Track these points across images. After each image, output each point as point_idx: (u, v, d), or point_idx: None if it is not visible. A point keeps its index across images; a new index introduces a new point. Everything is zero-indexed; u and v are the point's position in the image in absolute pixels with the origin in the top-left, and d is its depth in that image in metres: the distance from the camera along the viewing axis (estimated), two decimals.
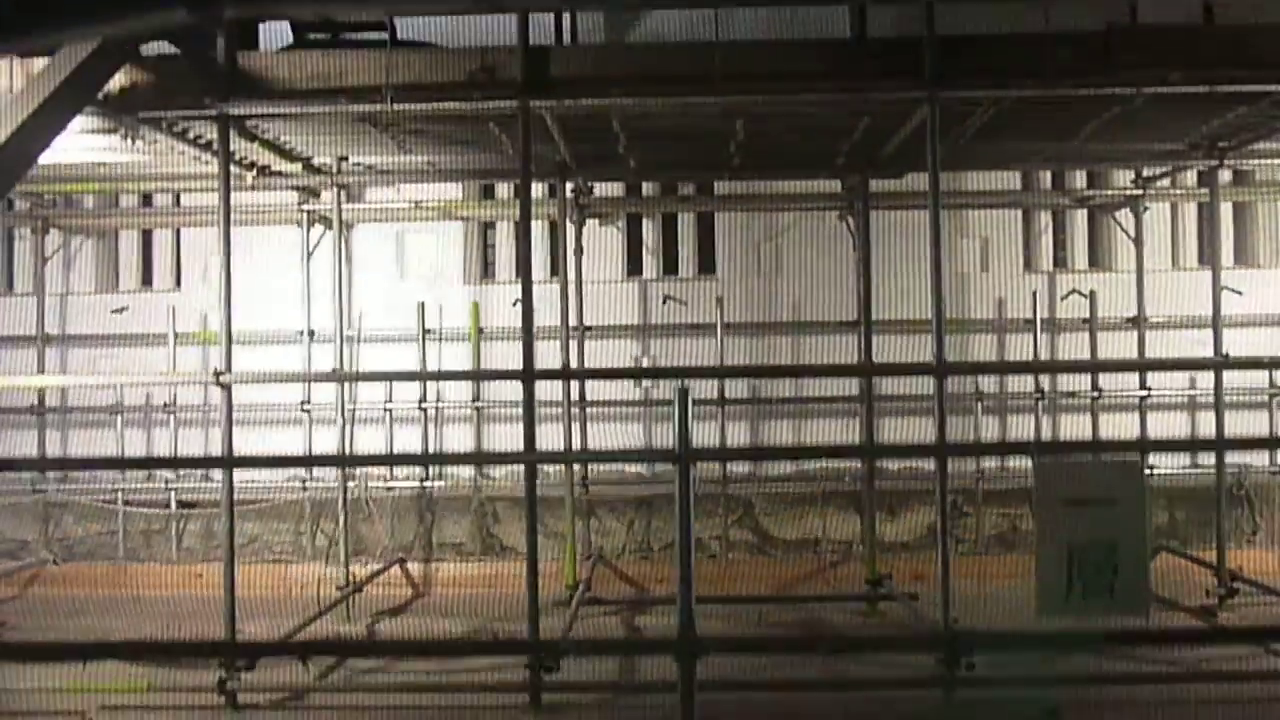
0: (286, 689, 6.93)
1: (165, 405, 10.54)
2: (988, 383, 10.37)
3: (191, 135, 7.75)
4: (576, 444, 10.21)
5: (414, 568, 10.26)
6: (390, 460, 7.84)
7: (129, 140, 7.01)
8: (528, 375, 6.78)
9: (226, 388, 6.80)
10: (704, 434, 10.43)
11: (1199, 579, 9.10)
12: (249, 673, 6.80)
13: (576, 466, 10.12)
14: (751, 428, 10.87)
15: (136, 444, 10.91)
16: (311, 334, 10.32)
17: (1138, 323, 10.22)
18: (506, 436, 10.70)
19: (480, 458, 9.25)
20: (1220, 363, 8.42)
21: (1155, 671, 6.82)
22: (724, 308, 10.49)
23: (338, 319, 9.94)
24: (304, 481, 10.34)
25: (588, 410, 10.43)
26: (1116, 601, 4.32)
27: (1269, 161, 9.20)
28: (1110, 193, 10.34)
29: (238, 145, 8.14)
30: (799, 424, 10.79)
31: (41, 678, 7.03)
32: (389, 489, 10.39)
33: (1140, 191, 10.08)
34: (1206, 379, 9.72)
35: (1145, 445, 7.57)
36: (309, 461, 8.69)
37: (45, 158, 6.57)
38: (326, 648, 7.14)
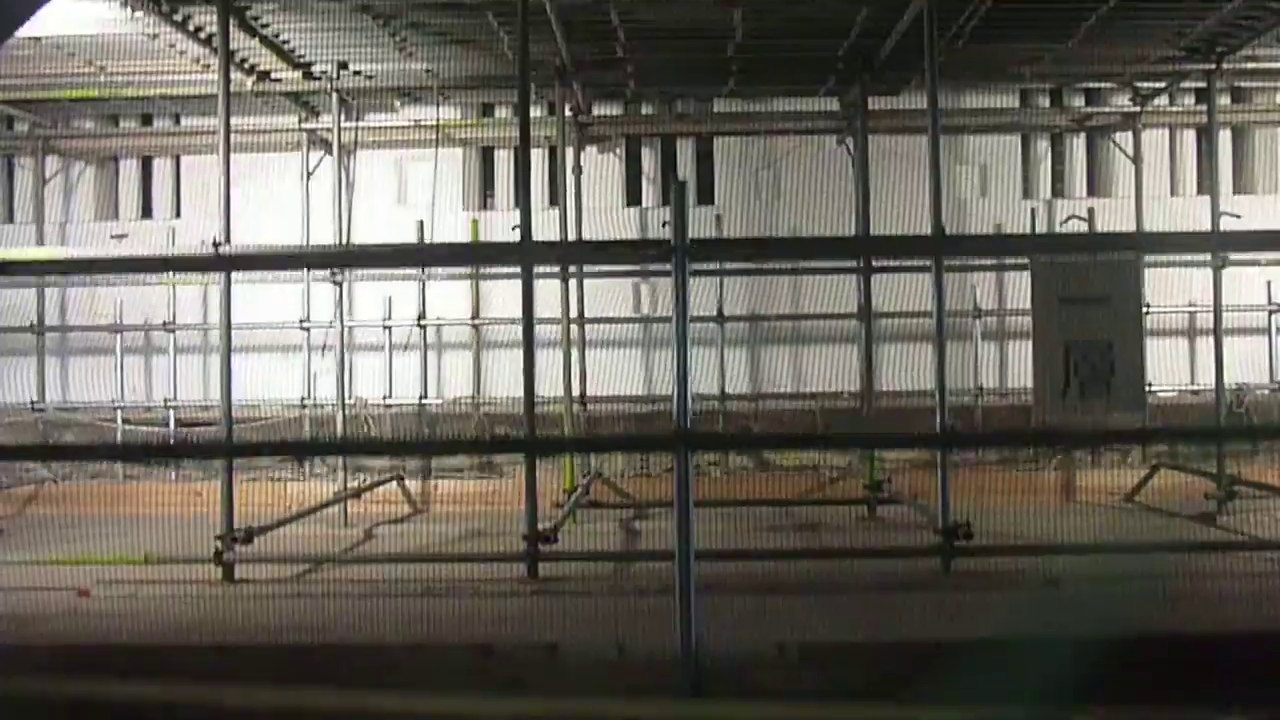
0: (286, 558, 6.93)
1: (165, 324, 10.52)
2: (986, 300, 10.38)
3: (192, 26, 7.78)
4: (576, 374, 10.23)
5: (412, 485, 10.25)
6: (389, 258, 7.49)
7: (128, 8, 7.01)
8: (525, 248, 6.77)
9: (227, 271, 6.80)
10: (702, 359, 10.44)
11: (1199, 497, 9.06)
12: (246, 545, 6.80)
13: (575, 389, 10.07)
14: (750, 355, 10.90)
15: (136, 369, 10.92)
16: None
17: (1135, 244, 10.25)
18: (505, 365, 10.71)
19: (478, 251, 8.97)
20: (1219, 265, 8.42)
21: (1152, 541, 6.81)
22: (723, 232, 10.51)
23: (338, 238, 9.95)
24: (303, 399, 10.34)
25: (587, 331, 10.46)
26: (1113, 398, 4.32)
27: (1267, 66, 9.17)
28: (1108, 110, 10.36)
29: (238, 43, 8.17)
30: (797, 350, 10.83)
31: (42, 551, 7.05)
32: (388, 406, 10.40)
33: (1138, 109, 10.10)
34: (1206, 296, 9.69)
35: (1141, 241, 7.54)
36: (307, 256, 8.58)
37: (45, 30, 6.61)
38: (324, 448, 7.12)
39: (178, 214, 11.24)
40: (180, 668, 4.26)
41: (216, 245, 6.80)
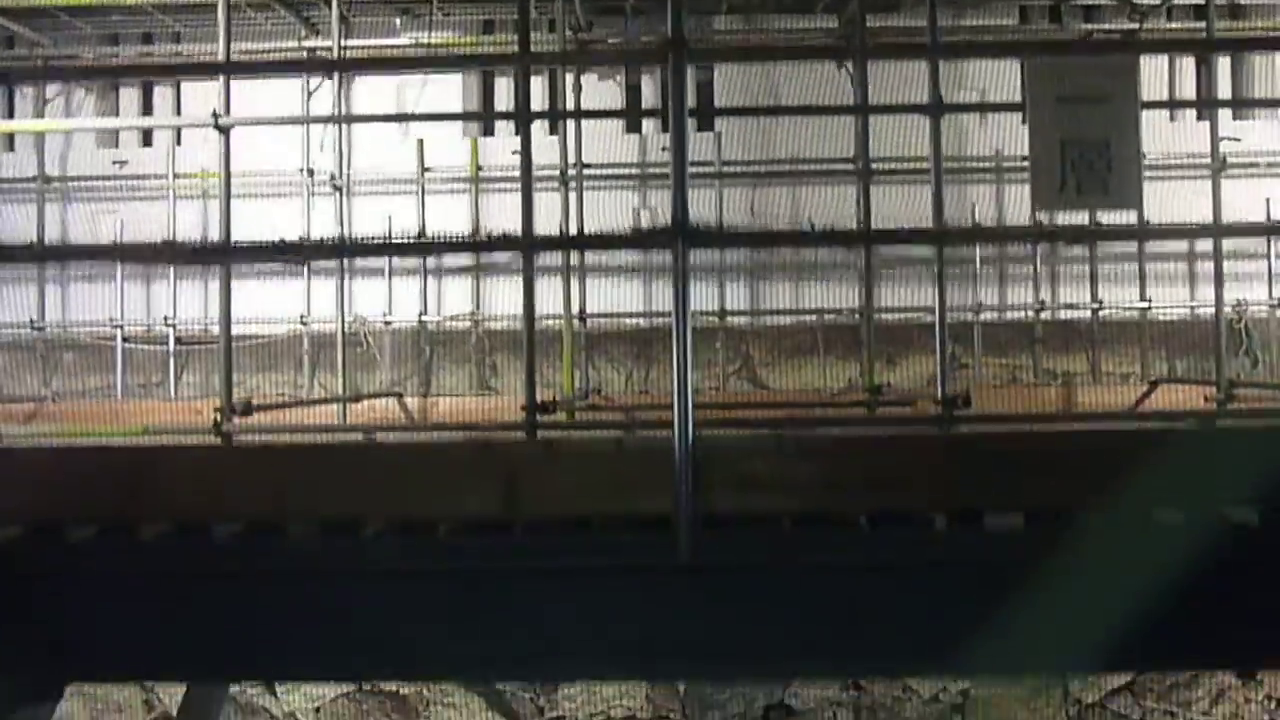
0: (286, 429, 6.93)
1: (165, 240, 10.53)
2: (984, 215, 10.40)
3: None
4: (576, 298, 10.24)
5: (411, 402, 10.25)
6: (389, 64, 7.39)
7: None
8: (524, 116, 6.78)
9: (225, 132, 6.81)
10: (701, 287, 10.46)
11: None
12: (245, 417, 6.80)
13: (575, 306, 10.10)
14: (750, 277, 10.92)
15: (136, 294, 10.94)
16: (311, 173, 10.34)
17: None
18: (506, 293, 10.71)
19: (476, 59, 8.97)
20: (1219, 166, 8.42)
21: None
22: (722, 154, 10.55)
23: (337, 160, 9.97)
24: (302, 317, 10.35)
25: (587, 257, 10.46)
26: (1110, 197, 4.32)
27: None
28: (1107, 28, 10.37)
29: None
30: (797, 279, 10.85)
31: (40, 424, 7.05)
32: (387, 323, 10.41)
33: (1137, 25, 10.12)
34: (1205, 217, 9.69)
35: (1138, 47, 7.55)
36: (307, 63, 8.55)
37: None
38: (325, 250, 7.08)
39: (178, 141, 11.26)
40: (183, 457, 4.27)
41: (216, 117, 6.83)
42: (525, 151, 5.61)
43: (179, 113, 11.35)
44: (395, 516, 4.35)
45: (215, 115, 6.79)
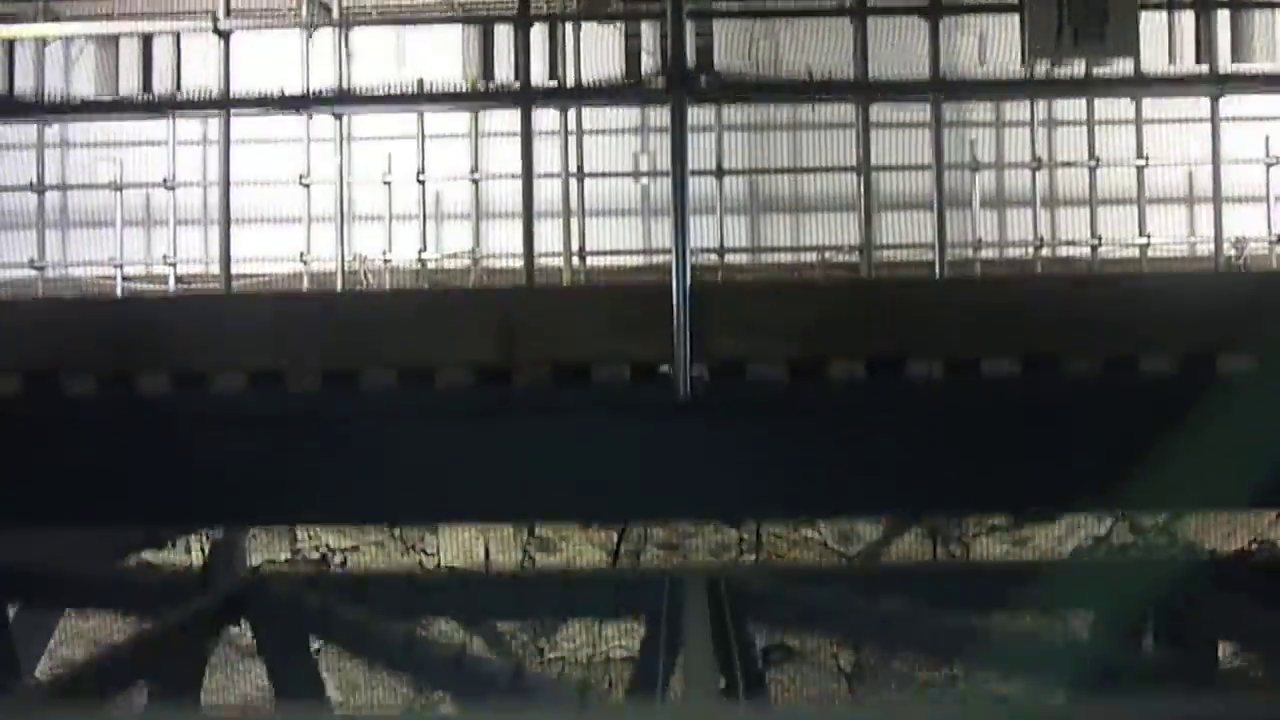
0: None
1: (165, 181, 10.53)
2: (986, 153, 10.42)
3: None
4: (575, 239, 10.27)
5: None
6: None
7: None
8: (523, 20, 6.77)
9: (225, 36, 6.79)
10: (701, 226, 10.45)
11: None
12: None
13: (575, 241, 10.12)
14: (750, 222, 10.95)
15: (136, 239, 10.96)
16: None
17: (1136, 114, 10.24)
18: (505, 237, 10.72)
19: None
20: (1217, 93, 8.41)
21: None
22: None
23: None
24: (302, 255, 10.34)
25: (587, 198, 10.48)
26: (1107, 45, 4.33)
27: None
28: None
29: None
30: (797, 218, 10.88)
31: None
32: (387, 261, 10.42)
33: None
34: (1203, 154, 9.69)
35: None
36: None
37: None
38: (326, 100, 7.02)
39: (178, 85, 11.26)
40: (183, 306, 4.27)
41: (215, 21, 6.82)
42: (523, 27, 5.61)
43: (178, 70, 11.36)
44: (394, 364, 4.36)
45: (214, 19, 6.78)
